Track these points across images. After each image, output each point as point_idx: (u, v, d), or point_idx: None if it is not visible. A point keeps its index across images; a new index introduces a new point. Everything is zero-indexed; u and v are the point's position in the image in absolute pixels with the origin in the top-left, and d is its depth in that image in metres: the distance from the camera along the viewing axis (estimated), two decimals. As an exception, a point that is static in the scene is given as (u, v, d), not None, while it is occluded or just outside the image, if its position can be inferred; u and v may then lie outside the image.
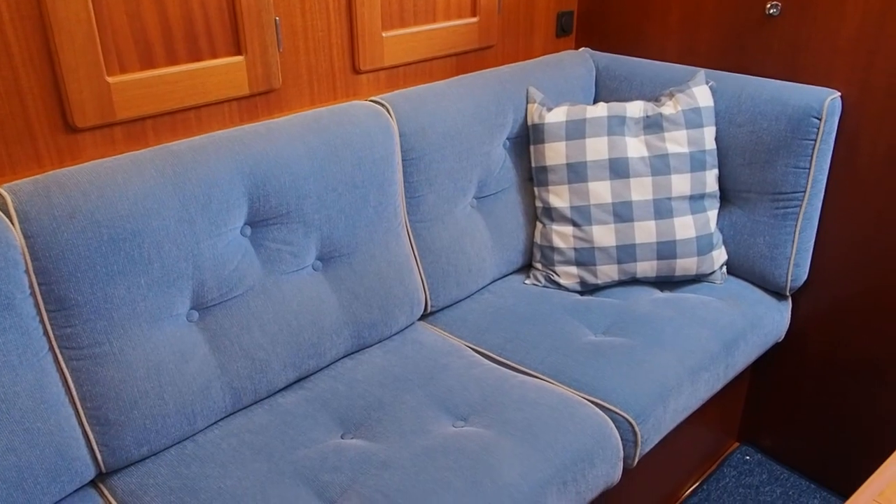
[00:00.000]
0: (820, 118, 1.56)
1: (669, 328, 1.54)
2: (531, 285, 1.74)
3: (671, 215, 1.64)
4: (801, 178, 1.61)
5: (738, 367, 1.62)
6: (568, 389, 1.40)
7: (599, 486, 1.32)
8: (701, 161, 1.65)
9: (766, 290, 1.73)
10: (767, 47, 1.66)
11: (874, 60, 1.52)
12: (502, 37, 1.82)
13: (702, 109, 1.65)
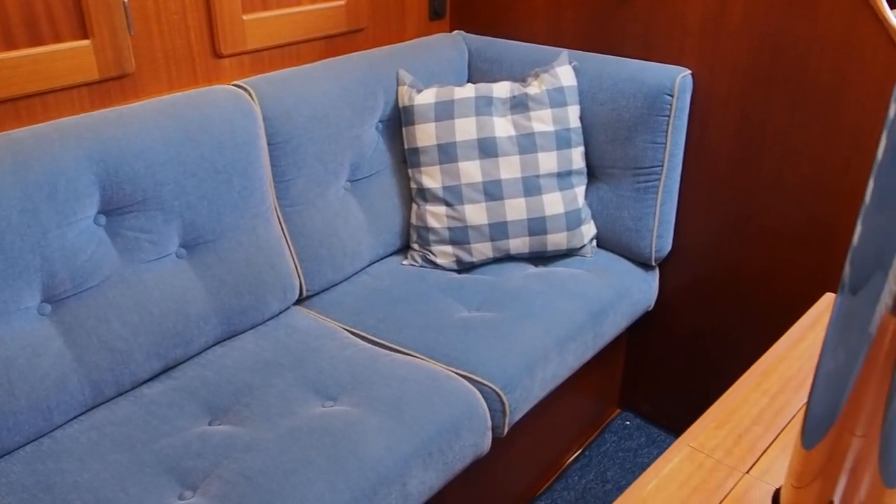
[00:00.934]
0: (672, 95, 1.63)
1: (539, 301, 1.59)
2: (409, 266, 1.76)
3: (540, 192, 1.69)
4: (658, 153, 1.68)
5: (608, 336, 1.69)
6: (437, 364, 1.44)
7: (468, 456, 1.36)
8: (566, 139, 1.71)
9: (634, 262, 1.81)
10: (625, 28, 1.73)
11: (719, 40, 1.60)
12: (373, 20, 1.83)
13: (565, 89, 1.70)
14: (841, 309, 0.70)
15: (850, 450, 0.73)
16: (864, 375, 0.70)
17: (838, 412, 0.73)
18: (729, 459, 0.89)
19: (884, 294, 0.66)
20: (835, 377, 0.72)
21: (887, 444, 0.72)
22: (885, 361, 0.68)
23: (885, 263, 0.65)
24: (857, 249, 0.67)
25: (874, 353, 0.68)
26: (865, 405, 0.71)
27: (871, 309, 0.67)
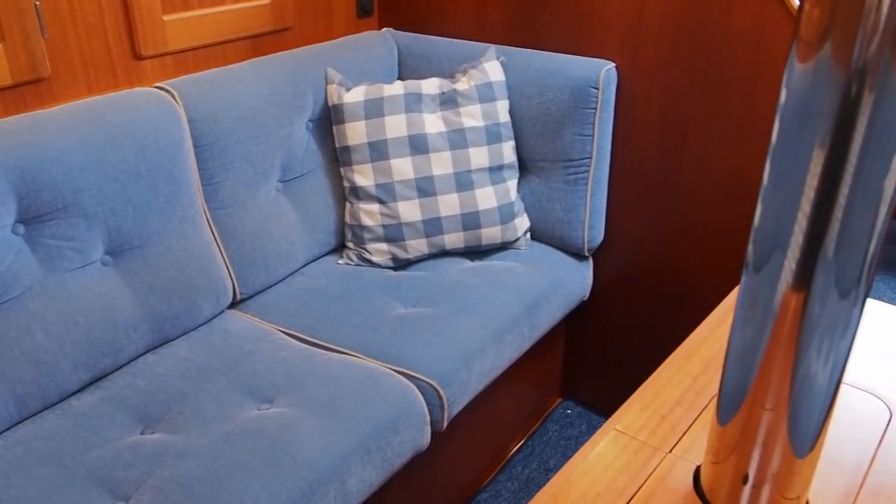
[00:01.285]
0: (598, 88, 1.66)
1: (474, 295, 1.61)
2: (344, 265, 1.75)
3: (472, 187, 1.71)
4: (586, 145, 1.71)
5: (544, 327, 1.72)
6: (374, 362, 1.44)
7: (407, 451, 1.36)
8: (496, 133, 1.72)
9: (568, 253, 1.84)
10: (551, 23, 1.75)
11: (640, 33, 1.64)
12: (299, 18, 1.82)
13: (493, 84, 1.72)
14: (746, 288, 0.73)
15: (762, 423, 0.76)
16: (771, 351, 0.73)
17: (748, 388, 0.76)
18: (653, 440, 0.92)
19: (784, 271, 0.68)
20: (744, 354, 0.75)
21: (795, 415, 0.75)
22: (789, 336, 0.71)
23: (783, 242, 0.68)
24: (758, 230, 0.70)
25: (778, 328, 0.71)
26: (773, 379, 0.74)
27: (773, 286, 0.70)
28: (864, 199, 0.63)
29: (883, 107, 0.60)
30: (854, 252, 0.66)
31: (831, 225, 0.64)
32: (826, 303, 0.68)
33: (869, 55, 0.58)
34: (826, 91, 0.61)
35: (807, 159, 0.63)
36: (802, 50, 0.61)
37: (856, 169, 0.62)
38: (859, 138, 0.61)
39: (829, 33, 0.59)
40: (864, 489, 0.85)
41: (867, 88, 0.59)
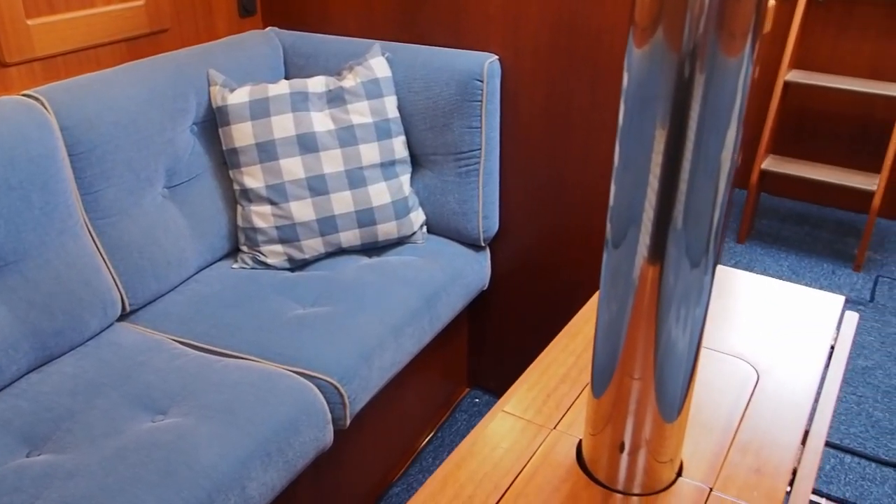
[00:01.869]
0: (482, 80, 1.69)
1: (372, 292, 1.61)
2: (239, 269, 1.73)
3: (365, 184, 1.71)
4: (475, 137, 1.74)
5: (444, 318, 1.74)
6: (272, 364, 1.42)
7: (310, 451, 1.36)
8: (386, 130, 1.73)
9: (464, 244, 1.86)
10: (434, 17, 1.77)
11: (520, 25, 1.67)
12: (178, 19, 1.77)
13: (380, 80, 1.73)
14: (608, 263, 0.76)
15: (632, 393, 0.80)
16: (634, 322, 0.76)
17: (617, 360, 0.79)
18: (538, 418, 0.95)
19: (639, 246, 0.72)
20: (610, 328, 0.79)
21: (661, 382, 0.79)
22: (649, 307, 0.75)
23: (636, 218, 0.71)
24: (613, 208, 0.74)
25: (639, 300, 0.75)
26: (638, 349, 0.78)
27: (631, 261, 0.73)
28: (704, 174, 0.67)
29: (713, 86, 0.64)
30: (700, 223, 0.70)
31: (677, 199, 0.68)
32: (679, 273, 0.72)
33: (697, 38, 0.62)
34: (661, 74, 0.64)
35: (650, 140, 0.67)
36: (638, 35, 0.65)
37: (694, 145, 0.66)
38: (695, 116, 0.65)
39: (660, 19, 0.63)
40: (734, 447, 0.91)
41: (698, 69, 0.63)
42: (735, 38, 0.62)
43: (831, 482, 1.88)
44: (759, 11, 0.62)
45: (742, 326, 1.15)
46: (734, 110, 0.65)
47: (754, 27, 0.63)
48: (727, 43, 0.62)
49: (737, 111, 0.66)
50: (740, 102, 0.65)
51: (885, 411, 2.11)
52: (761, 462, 0.88)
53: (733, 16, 0.61)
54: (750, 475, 0.86)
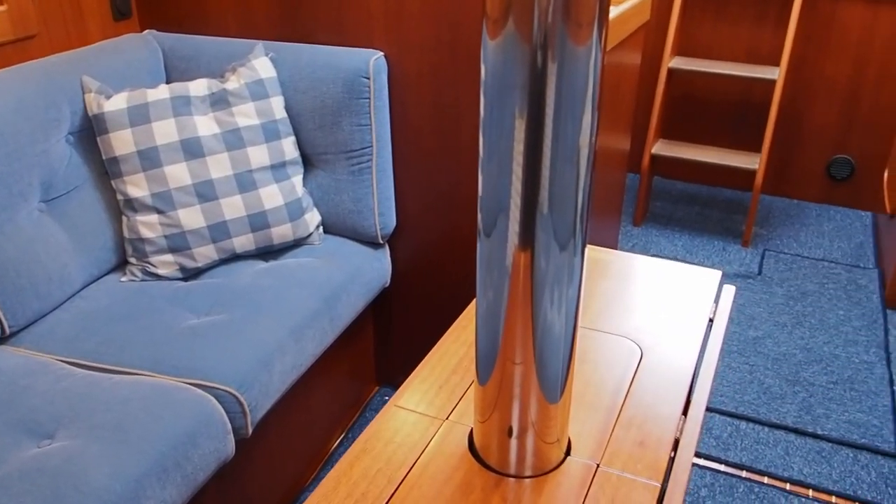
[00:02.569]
0: (368, 77, 1.69)
1: (269, 296, 1.59)
2: (128, 282, 1.67)
3: (255, 187, 1.68)
4: (365, 134, 1.73)
5: (346, 318, 1.73)
6: (166, 378, 1.38)
7: (211, 463, 1.33)
8: (274, 131, 1.70)
9: (363, 243, 1.86)
10: (316, 15, 1.75)
11: (403, 20, 1.68)
12: (46, 25, 1.69)
13: (265, 81, 1.70)
14: (481, 252, 0.77)
15: (515, 378, 0.82)
16: (511, 307, 0.78)
17: (498, 346, 0.81)
18: (431, 410, 0.96)
19: (510, 233, 0.73)
20: (489, 315, 0.80)
21: (542, 365, 0.81)
22: (524, 291, 0.76)
23: (504, 206, 0.73)
24: (482, 198, 0.75)
25: (514, 285, 0.76)
26: (517, 334, 0.79)
27: (503, 248, 0.75)
28: (565, 159, 0.69)
29: (566, 74, 0.66)
30: (565, 208, 0.72)
31: (541, 186, 0.70)
32: (550, 256, 0.74)
33: (546, 28, 0.64)
34: (515, 65, 0.66)
35: (510, 129, 0.68)
36: (491, 27, 0.66)
37: (553, 133, 0.68)
38: (551, 104, 0.66)
39: (510, 10, 0.64)
40: (619, 423, 0.94)
41: (550, 59, 0.65)
42: (582, 27, 0.64)
43: (728, 449, 1.97)
44: (602, 1, 0.64)
45: (627, 307, 1.20)
46: (588, 96, 0.67)
47: (599, 16, 0.65)
48: (575, 32, 0.64)
49: (590, 97, 0.68)
50: (593, 88, 0.67)
51: (776, 378, 2.23)
52: (644, 435, 0.91)
53: (579, 6, 0.63)
54: (634, 449, 0.89)
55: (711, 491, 1.83)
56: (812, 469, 1.90)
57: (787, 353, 2.34)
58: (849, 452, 1.96)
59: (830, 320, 2.51)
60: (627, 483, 0.85)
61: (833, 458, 1.94)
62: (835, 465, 1.91)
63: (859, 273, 2.81)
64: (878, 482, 1.86)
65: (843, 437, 2.00)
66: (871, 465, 1.91)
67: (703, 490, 1.84)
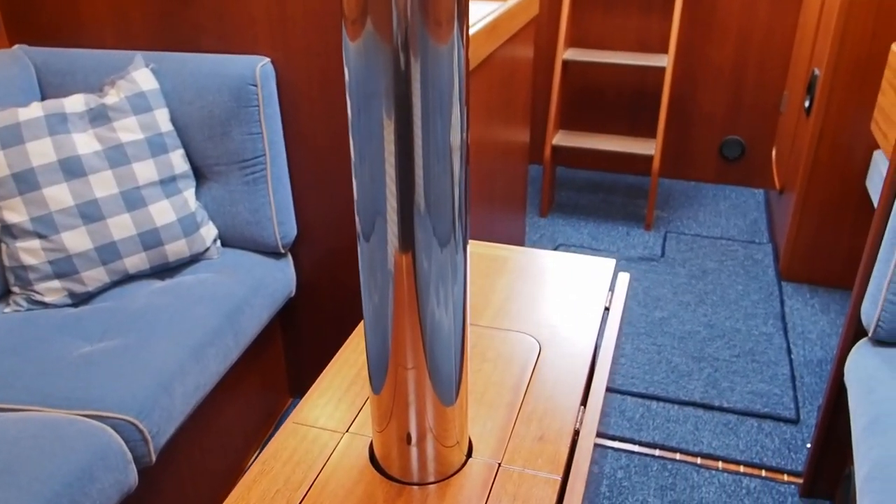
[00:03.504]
0: (256, 85, 1.64)
1: (166, 316, 1.53)
2: (12, 313, 1.57)
3: (144, 204, 1.61)
4: (257, 143, 1.69)
5: (251, 332, 1.68)
6: (57, 412, 1.31)
7: (113, 496, 1.27)
8: (160, 145, 1.64)
9: (264, 253, 1.81)
10: (197, 23, 1.70)
11: (287, 25, 1.64)
12: None
13: (146, 93, 1.63)
14: (363, 256, 0.76)
15: (408, 383, 0.81)
16: (398, 310, 0.77)
17: (388, 352, 0.79)
18: (330, 423, 0.94)
19: (389, 235, 0.72)
20: (377, 321, 0.79)
21: (434, 368, 0.80)
22: (409, 293, 0.75)
23: (381, 208, 0.71)
24: (359, 202, 0.73)
25: (398, 287, 0.75)
26: (406, 338, 0.78)
27: (383, 251, 0.73)
28: (437, 157, 0.68)
29: (429, 73, 0.65)
30: (442, 205, 0.71)
31: (416, 185, 0.69)
32: (431, 255, 0.73)
33: (406, 28, 0.63)
34: (378, 66, 0.64)
35: (380, 131, 0.67)
36: (350, 29, 0.64)
37: (422, 132, 0.67)
38: (418, 103, 0.66)
39: (367, 11, 0.63)
40: (519, 420, 0.94)
41: (412, 58, 0.64)
42: (442, 25, 0.63)
43: (641, 429, 2.02)
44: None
45: (526, 302, 1.20)
46: (454, 94, 0.67)
47: (459, 13, 0.64)
48: (435, 30, 0.63)
49: (457, 94, 0.67)
50: (459, 86, 0.67)
51: (682, 356, 2.30)
52: (544, 429, 0.92)
53: (437, 4, 0.62)
54: (534, 444, 0.90)
55: (627, 472, 1.87)
56: (720, 441, 1.97)
57: (692, 331, 2.42)
58: (753, 422, 2.04)
59: (730, 296, 2.61)
60: (528, 479, 0.85)
61: (739, 429, 2.01)
62: (741, 435, 1.99)
63: (755, 248, 2.94)
64: (781, 448, 1.95)
65: (748, 408, 2.08)
66: (774, 433, 2.00)
67: (620, 472, 1.88)
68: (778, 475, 1.87)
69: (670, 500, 1.79)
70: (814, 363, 2.27)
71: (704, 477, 1.86)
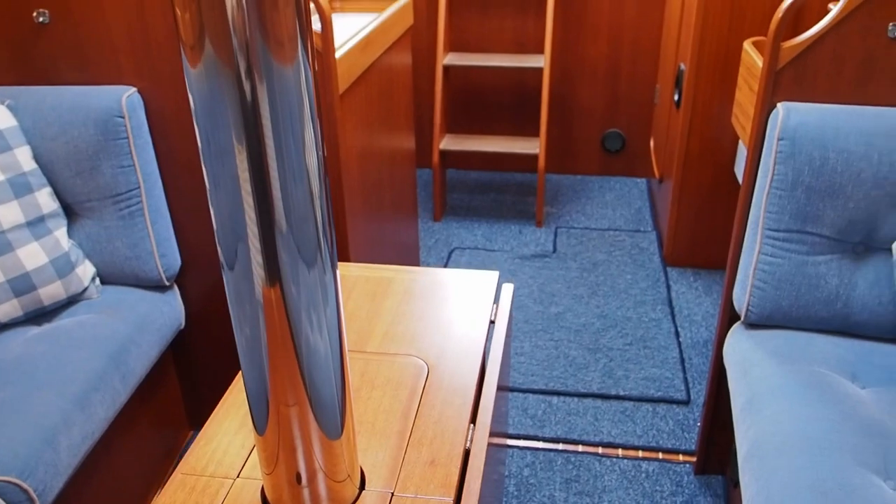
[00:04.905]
0: (123, 116, 1.59)
1: (44, 364, 1.46)
2: None
3: (12, 248, 1.53)
4: (130, 176, 1.63)
5: (140, 371, 1.62)
6: (-72, 482, 1.23)
7: (-2, 565, 1.20)
8: (24, 185, 1.56)
9: (147, 288, 1.75)
10: (55, 54, 1.62)
11: (152, 52, 1.59)
12: None
13: (3, 132, 1.55)
14: (229, 287, 0.73)
15: (292, 421, 0.80)
16: (272, 341, 0.75)
17: (267, 386, 0.78)
18: (220, 470, 0.92)
19: (253, 262, 0.70)
20: (251, 354, 0.77)
21: (316, 400, 0.79)
22: (281, 322, 0.73)
23: (243, 234, 0.69)
24: (218, 231, 0.71)
25: (269, 316, 0.73)
26: (284, 371, 0.77)
27: (250, 279, 0.71)
28: (294, 178, 0.67)
29: (277, 94, 0.64)
30: (305, 226, 0.70)
31: (275, 207, 0.68)
32: (299, 278, 0.72)
33: (247, 51, 0.61)
34: (223, 91, 0.63)
35: (232, 157, 0.65)
36: (190, 55, 0.63)
37: (276, 154, 0.66)
38: (268, 125, 0.64)
39: (205, 35, 0.61)
40: (410, 446, 0.95)
41: (258, 81, 0.63)
42: (284, 45, 0.63)
43: (544, 425, 2.07)
44: (301, 16, 0.64)
45: (413, 324, 1.21)
46: (305, 112, 0.66)
47: (301, 31, 0.64)
48: (277, 51, 0.62)
49: (308, 112, 0.66)
50: (309, 103, 0.66)
51: (579, 348, 2.38)
52: (435, 453, 0.93)
53: (275, 23, 0.62)
54: (426, 469, 0.91)
55: (533, 469, 1.92)
56: (619, 429, 2.05)
57: (587, 323, 2.50)
58: (649, 407, 2.13)
59: (620, 285, 2.71)
60: (422, 505, 0.86)
61: (636, 415, 2.10)
62: (638, 421, 2.07)
63: (641, 237, 3.06)
64: (675, 429, 2.04)
65: (643, 394, 2.17)
66: (668, 415, 2.09)
67: (526, 470, 1.92)
68: (674, 456, 1.96)
69: (576, 492, 1.85)
70: (700, 344, 2.39)
71: (606, 465, 1.93)
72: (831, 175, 1.37)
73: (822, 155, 1.36)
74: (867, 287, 1.43)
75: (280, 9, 0.62)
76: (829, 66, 1.39)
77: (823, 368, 1.38)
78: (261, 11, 0.61)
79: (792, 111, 1.39)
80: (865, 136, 1.35)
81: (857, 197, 1.37)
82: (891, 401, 1.30)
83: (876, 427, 1.23)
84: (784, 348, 1.45)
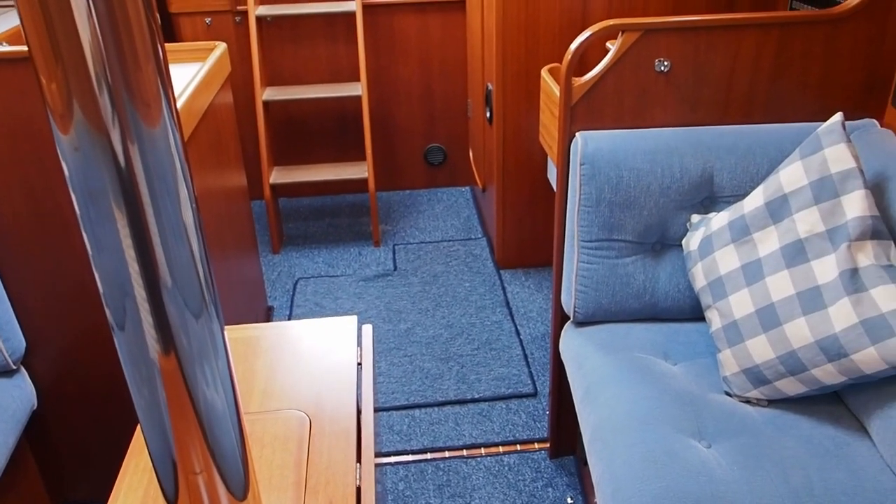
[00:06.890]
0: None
1: None
2: None
3: None
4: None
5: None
6: None
7: None
8: None
9: (-7, 375, 1.70)
10: None
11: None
12: None
13: None
14: (122, 349, 0.76)
15: (201, 488, 0.86)
16: (171, 402, 0.79)
17: (174, 456, 0.83)
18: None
19: (143, 321, 0.73)
20: (152, 419, 0.79)
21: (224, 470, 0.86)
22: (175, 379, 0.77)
23: (129, 294, 0.70)
24: (105, 293, 0.73)
25: (166, 376, 0.76)
26: (190, 442, 0.82)
27: (141, 338, 0.73)
28: (174, 236, 0.70)
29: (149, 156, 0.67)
30: (189, 281, 0.73)
31: (159, 265, 0.71)
32: (190, 332, 0.75)
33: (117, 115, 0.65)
34: (97, 157, 0.66)
35: (112, 221, 0.69)
36: (59, 122, 0.65)
37: (154, 214, 0.69)
38: (144, 187, 0.68)
39: (72, 101, 0.64)
40: (307, 495, 1.05)
41: (130, 144, 0.66)
42: (150, 107, 0.66)
43: (411, 438, 2.21)
44: (162, 76, 0.67)
45: (287, 378, 1.30)
46: (177, 171, 0.70)
47: (164, 91, 0.67)
48: (145, 113, 0.66)
49: (180, 172, 0.71)
50: (180, 163, 0.71)
51: (432, 360, 2.54)
52: (331, 496, 1.03)
53: (140, 85, 0.65)
54: (325, 513, 1.01)
55: (407, 482, 2.06)
56: (479, 430, 2.23)
57: (436, 335, 2.66)
58: (502, 405, 2.33)
59: (461, 294, 2.91)
60: (327, 546, 0.96)
61: (492, 414, 2.29)
62: (494, 419, 2.27)
63: (473, 244, 3.28)
64: (528, 421, 2.25)
65: (495, 394, 2.37)
66: (520, 409, 2.30)
67: (401, 484, 2.05)
68: (530, 446, 2.17)
69: (448, 496, 2.00)
70: (539, 338, 2.63)
71: (472, 466, 2.10)
72: (626, 190, 1.60)
73: (618, 174, 1.60)
74: (667, 278, 1.69)
75: (142, 67, 0.64)
76: (612, 97, 1.63)
77: (642, 353, 1.62)
78: (124, 71, 0.63)
79: (588, 139, 1.61)
80: (649, 155, 1.60)
81: (650, 206, 1.62)
82: (696, 372, 1.56)
83: (687, 397, 1.48)
84: (608, 340, 1.68)
